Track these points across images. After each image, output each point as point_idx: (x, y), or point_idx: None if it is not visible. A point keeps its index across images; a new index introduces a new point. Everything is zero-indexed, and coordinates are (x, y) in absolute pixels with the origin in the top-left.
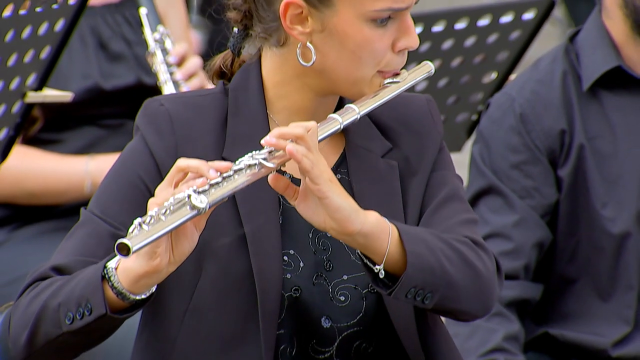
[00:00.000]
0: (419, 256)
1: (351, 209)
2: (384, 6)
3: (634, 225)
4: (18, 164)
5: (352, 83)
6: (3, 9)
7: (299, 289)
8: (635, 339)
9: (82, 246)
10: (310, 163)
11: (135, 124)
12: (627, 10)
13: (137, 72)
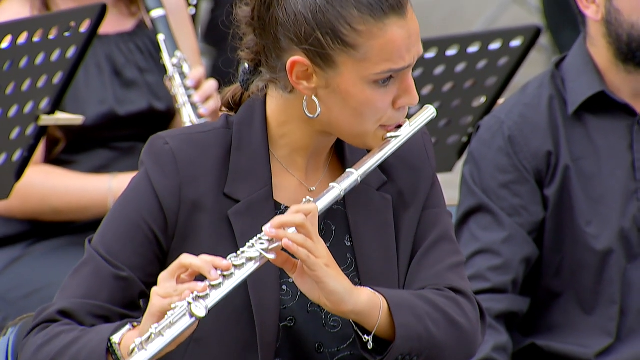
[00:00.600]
0: (407, 327)
1: (345, 291)
2: (385, 68)
3: (616, 242)
4: (44, 182)
5: (355, 136)
6: (18, 37)
7: (294, 319)
8: (617, 351)
9: (86, 287)
10: (305, 254)
11: (141, 159)
12: (611, 38)
13: (149, 99)
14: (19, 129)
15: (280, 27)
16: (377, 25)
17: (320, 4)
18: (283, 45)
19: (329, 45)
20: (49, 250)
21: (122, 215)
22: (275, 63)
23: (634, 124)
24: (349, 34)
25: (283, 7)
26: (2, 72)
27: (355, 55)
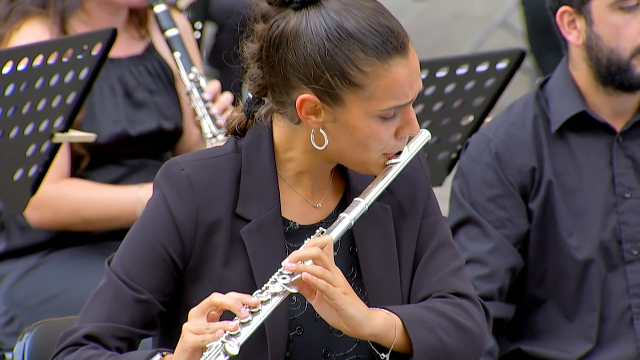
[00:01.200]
0: (422, 341)
1: (363, 316)
2: (390, 105)
3: (596, 253)
4: (75, 194)
5: (359, 164)
6: (33, 59)
7: (302, 328)
8: (597, 355)
9: (109, 311)
10: (324, 284)
11: (157, 181)
12: (591, 62)
13: (158, 119)
14: (34, 146)
15: (289, 67)
16: (383, 66)
17: (329, 48)
18: (292, 83)
19: (338, 85)
20: (63, 259)
21: (140, 240)
22: (283, 98)
23: (614, 141)
24: (357, 75)
25: (292, 50)
26: (19, 93)
27: (362, 94)
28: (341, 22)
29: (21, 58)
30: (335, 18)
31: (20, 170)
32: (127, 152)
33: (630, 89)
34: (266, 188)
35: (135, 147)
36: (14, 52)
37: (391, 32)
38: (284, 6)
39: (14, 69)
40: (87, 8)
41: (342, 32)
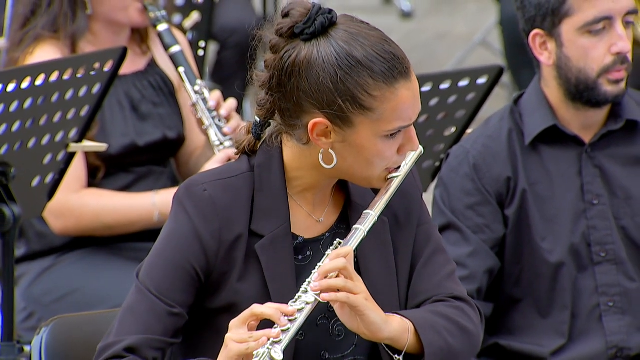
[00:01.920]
0: (432, 344)
1: (382, 321)
2: (396, 126)
3: (567, 255)
4: (96, 202)
5: (364, 179)
6: (50, 75)
7: (304, 334)
8: (569, 349)
9: (145, 324)
10: (345, 297)
11: (179, 199)
12: (561, 80)
13: (162, 129)
14: (50, 155)
15: (302, 93)
16: (390, 90)
17: (341, 75)
18: (304, 108)
19: (349, 109)
20: (76, 260)
21: (168, 256)
22: (294, 122)
23: (583, 152)
24: (367, 99)
25: (305, 78)
26: (36, 106)
27: (371, 117)
28: (350, 51)
29: (38, 74)
30: (345, 47)
31: (38, 177)
32: (136, 161)
33: (597, 104)
34: (277, 206)
35: (143, 156)
36: (32, 69)
37: (396, 58)
38: (294, 37)
39: (32, 84)
40: (94, 29)
41: (352, 60)
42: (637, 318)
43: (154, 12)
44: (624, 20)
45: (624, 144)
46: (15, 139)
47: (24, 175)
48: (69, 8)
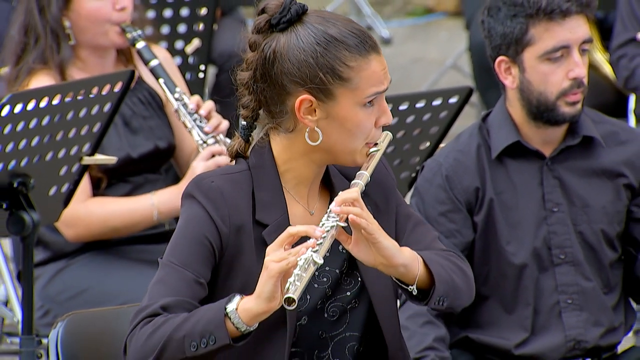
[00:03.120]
0: (439, 275)
1: (395, 247)
2: (371, 92)
3: (530, 258)
4: (101, 209)
5: (348, 153)
6: (65, 95)
7: (306, 318)
8: (532, 343)
9: (175, 289)
10: (365, 222)
11: (190, 193)
12: (524, 102)
13: (153, 140)
14: (66, 167)
15: (285, 75)
16: (364, 61)
17: (319, 51)
18: (289, 89)
19: (329, 81)
20: (86, 262)
21: (188, 235)
22: (279, 109)
23: (543, 165)
24: (344, 70)
25: (287, 60)
26: (53, 123)
27: (349, 86)
28: (326, 30)
29: (55, 95)
30: (320, 27)
31: (54, 187)
32: (132, 171)
33: (556, 123)
34: (276, 199)
35: (138, 167)
36: (49, 89)
37: (366, 34)
38: (271, 31)
39: (49, 103)
40: (81, 56)
41: (328, 37)
42: (593, 314)
43: (131, 33)
44: (580, 48)
45: (581, 158)
46: (34, 152)
47: (42, 185)
48: (53, 41)
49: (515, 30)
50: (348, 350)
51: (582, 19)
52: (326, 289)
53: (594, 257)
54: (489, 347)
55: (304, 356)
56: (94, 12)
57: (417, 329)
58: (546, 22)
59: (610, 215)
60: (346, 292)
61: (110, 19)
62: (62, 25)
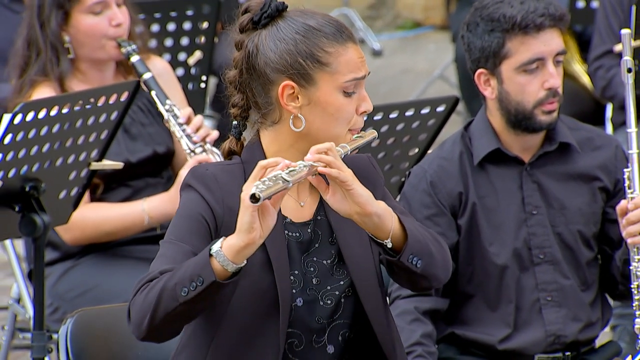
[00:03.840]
0: (412, 232)
1: (369, 195)
2: (350, 77)
3: (511, 258)
4: (95, 215)
5: (331, 139)
6: (74, 104)
7: (302, 300)
8: (515, 338)
9: (174, 259)
10: (337, 172)
11: (185, 183)
12: (503, 111)
13: (152, 146)
14: (75, 172)
15: (267, 65)
16: (341, 47)
17: (299, 39)
18: (271, 78)
19: (309, 66)
20: (92, 262)
21: (184, 214)
22: (264, 100)
23: (523, 170)
24: (323, 55)
25: (269, 50)
26: (63, 130)
27: (329, 71)
28: (304, 21)
29: (65, 104)
30: (299, 19)
31: (64, 191)
32: (132, 175)
33: (534, 131)
34: None
35: (137, 171)
36: (59, 99)
37: (342, 26)
38: (254, 28)
39: (59, 112)
40: (81, 68)
41: (306, 26)
42: (572, 310)
43: (125, 47)
44: (555, 59)
45: (558, 163)
46: (45, 158)
47: (53, 189)
48: (53, 55)
49: (493, 44)
50: (340, 337)
51: (556, 32)
52: (312, 277)
53: (572, 256)
54: (474, 343)
55: (301, 338)
56: (91, 27)
57: (406, 325)
58: (521, 36)
59: (587, 217)
60: (339, 281)
61: (107, 34)
62: (62, 39)
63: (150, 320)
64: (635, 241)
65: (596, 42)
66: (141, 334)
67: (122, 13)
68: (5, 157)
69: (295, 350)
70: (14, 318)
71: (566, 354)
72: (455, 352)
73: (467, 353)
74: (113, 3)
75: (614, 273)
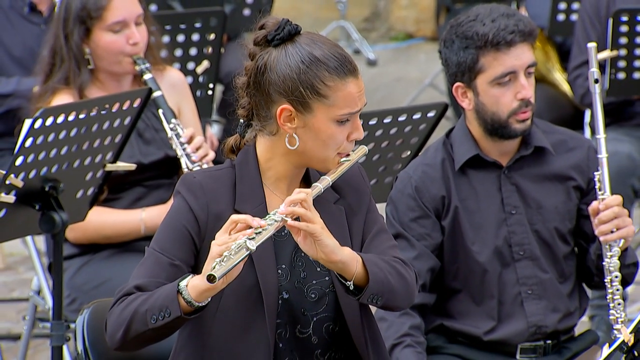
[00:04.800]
0: (375, 274)
1: (335, 245)
2: (345, 112)
3: (492, 255)
4: (96, 219)
5: (320, 160)
6: (91, 110)
7: (288, 292)
8: (499, 330)
9: (151, 271)
10: (305, 225)
11: (177, 190)
12: (480, 120)
13: (164, 150)
14: (91, 173)
15: (272, 85)
16: (341, 82)
17: (302, 68)
18: (273, 98)
19: (308, 96)
20: (106, 257)
21: (169, 224)
22: (265, 113)
23: (501, 174)
24: (322, 87)
25: (275, 72)
26: (80, 134)
27: (326, 103)
28: (311, 51)
29: (82, 109)
30: (307, 48)
31: (81, 191)
32: (145, 177)
33: (510, 138)
34: (255, 191)
35: (150, 172)
36: (76, 105)
37: (347, 59)
38: (267, 45)
39: (77, 117)
40: (100, 78)
41: (312, 57)
42: (551, 302)
43: (140, 65)
44: (526, 72)
45: (534, 165)
46: (64, 160)
47: (70, 189)
48: (75, 66)
49: (468, 60)
50: (325, 329)
51: (526, 47)
52: (301, 272)
53: (550, 251)
54: (462, 334)
55: (287, 328)
56: (110, 44)
57: (395, 319)
58: (494, 52)
59: (562, 214)
60: (324, 276)
61: (124, 52)
62: (83, 51)
63: (123, 337)
64: (607, 239)
65: (575, 52)
66: (114, 345)
67: (140, 32)
68: (26, 159)
69: (283, 339)
70: (34, 309)
71: (547, 342)
72: (444, 341)
73: (455, 342)
74: (132, 23)
75: (590, 265)
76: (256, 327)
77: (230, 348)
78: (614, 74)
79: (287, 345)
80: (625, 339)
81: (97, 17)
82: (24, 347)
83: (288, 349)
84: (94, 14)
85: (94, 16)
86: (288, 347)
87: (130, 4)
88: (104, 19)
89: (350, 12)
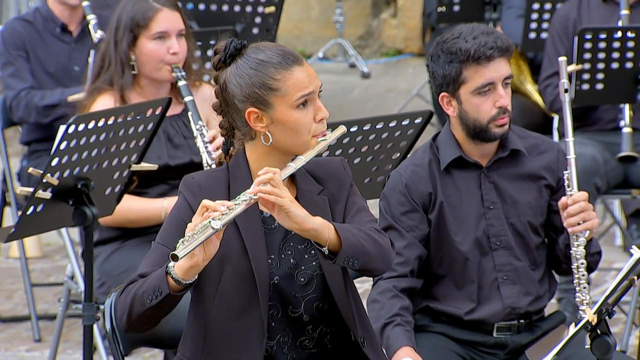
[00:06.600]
0: (347, 239)
1: (305, 214)
2: (299, 96)
3: (473, 246)
4: (123, 205)
5: (299, 146)
6: (117, 117)
7: (279, 278)
8: (478, 310)
9: (154, 261)
10: (274, 198)
11: (179, 189)
12: (463, 126)
13: (190, 155)
14: (118, 172)
15: (234, 97)
16: (287, 72)
17: (252, 73)
18: (240, 107)
19: (264, 93)
20: (133, 245)
21: (172, 220)
22: (240, 123)
23: (481, 173)
24: (273, 82)
25: (233, 84)
26: (109, 138)
27: (280, 95)
28: (256, 56)
29: (110, 116)
30: (253, 56)
31: (109, 188)
32: (171, 176)
33: (489, 141)
34: (246, 189)
35: (176, 173)
36: (105, 113)
37: (288, 53)
38: (223, 66)
39: (105, 123)
40: (141, 84)
41: (258, 61)
42: (524, 286)
43: (176, 73)
44: (504, 82)
45: (510, 166)
46: (94, 161)
47: (100, 187)
48: (120, 69)
49: (452, 72)
50: (315, 308)
51: (504, 61)
52: (290, 259)
53: (523, 242)
54: (446, 314)
55: (279, 309)
56: (152, 52)
57: (386, 301)
58: (475, 66)
59: (535, 209)
60: (312, 262)
61: (164, 60)
62: (129, 57)
63: (128, 319)
64: (575, 230)
65: (545, 65)
66: (123, 327)
67: (181, 44)
68: (61, 161)
69: (276, 318)
70: (68, 292)
71: (520, 322)
72: (430, 321)
73: (439, 322)
74: (174, 35)
75: (558, 254)
76: (251, 310)
77: (229, 328)
78: (579, 85)
79: (280, 324)
80: (590, 319)
81: (144, 26)
82: (59, 326)
83: (281, 327)
84: (142, 23)
85: (141, 24)
86: (281, 326)
87: (174, 18)
88: (150, 28)
89: (346, 31)
